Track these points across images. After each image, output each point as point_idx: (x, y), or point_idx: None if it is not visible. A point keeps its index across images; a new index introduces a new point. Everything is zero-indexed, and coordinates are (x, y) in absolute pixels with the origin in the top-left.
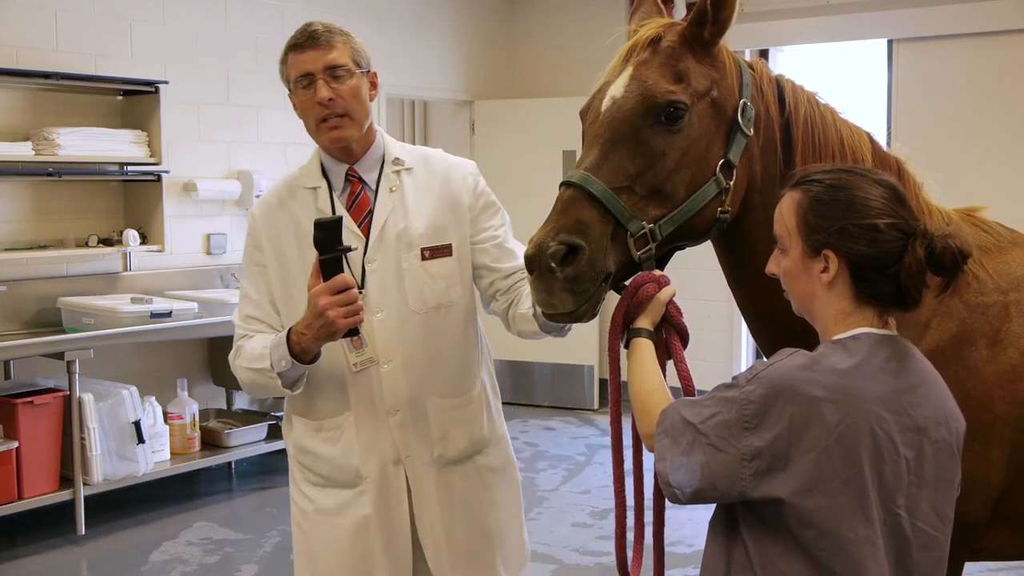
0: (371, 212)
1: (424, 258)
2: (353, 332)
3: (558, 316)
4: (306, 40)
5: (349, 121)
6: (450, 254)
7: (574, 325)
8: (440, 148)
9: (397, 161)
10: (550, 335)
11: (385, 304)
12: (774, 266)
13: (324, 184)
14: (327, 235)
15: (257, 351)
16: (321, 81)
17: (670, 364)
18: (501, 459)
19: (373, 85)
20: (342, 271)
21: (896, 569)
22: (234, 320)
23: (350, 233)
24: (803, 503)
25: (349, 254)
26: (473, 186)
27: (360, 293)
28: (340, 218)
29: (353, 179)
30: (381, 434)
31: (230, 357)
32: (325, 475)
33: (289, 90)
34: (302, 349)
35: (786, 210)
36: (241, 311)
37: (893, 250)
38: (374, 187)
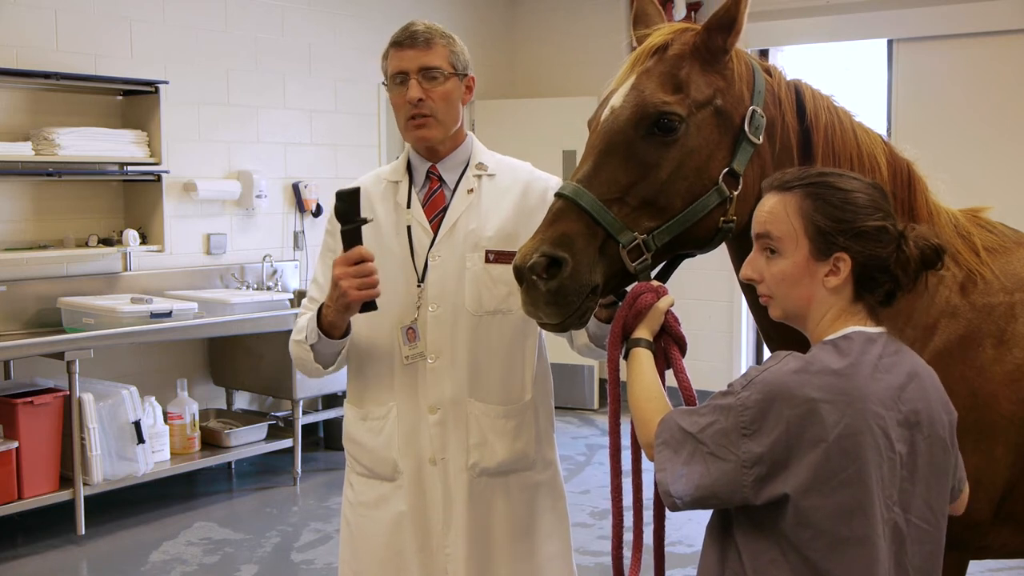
0: (444, 209)
1: (488, 260)
2: (370, 306)
3: (546, 327)
4: (406, 39)
5: (435, 122)
6: None
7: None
8: None
9: (480, 166)
10: (601, 350)
11: (441, 300)
12: (752, 270)
13: (406, 179)
14: (347, 206)
15: (302, 324)
16: (414, 81)
17: (670, 374)
18: (548, 486)
19: (469, 90)
20: (361, 243)
21: (893, 566)
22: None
23: (419, 227)
24: (801, 503)
25: (419, 249)
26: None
27: (419, 287)
28: (359, 189)
29: (433, 177)
30: (420, 430)
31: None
32: (367, 465)
33: (386, 85)
34: (328, 323)
35: (789, 213)
36: (308, 292)
37: (893, 250)
38: (453, 187)
